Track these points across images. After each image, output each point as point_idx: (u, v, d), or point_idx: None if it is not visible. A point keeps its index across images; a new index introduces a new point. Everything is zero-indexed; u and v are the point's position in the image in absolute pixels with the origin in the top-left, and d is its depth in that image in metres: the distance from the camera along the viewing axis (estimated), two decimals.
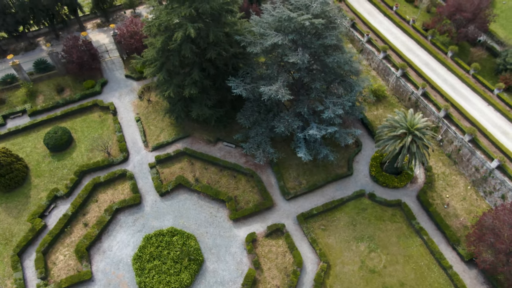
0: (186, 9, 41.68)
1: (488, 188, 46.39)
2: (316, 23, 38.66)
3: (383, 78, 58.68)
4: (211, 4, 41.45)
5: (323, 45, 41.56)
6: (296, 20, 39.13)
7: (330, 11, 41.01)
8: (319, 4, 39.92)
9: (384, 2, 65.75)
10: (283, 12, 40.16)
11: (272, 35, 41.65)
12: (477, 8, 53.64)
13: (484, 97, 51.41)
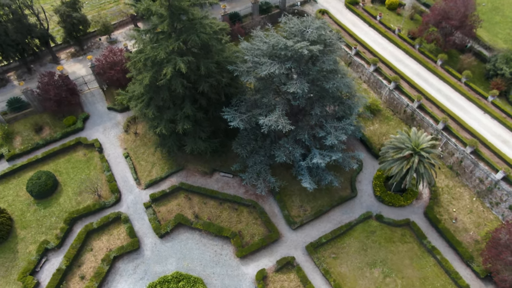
0: (174, 43, 39.21)
1: (494, 199, 45.93)
2: (315, 51, 36.93)
3: (375, 91, 57.69)
4: (201, 36, 39.13)
5: (321, 70, 39.92)
6: (293, 48, 37.28)
7: (326, 35, 39.35)
8: (314, 29, 38.20)
9: (367, 12, 64.86)
10: (279, 40, 38.27)
11: (267, 64, 39.68)
12: (464, 16, 53.29)
13: (480, 105, 51.08)
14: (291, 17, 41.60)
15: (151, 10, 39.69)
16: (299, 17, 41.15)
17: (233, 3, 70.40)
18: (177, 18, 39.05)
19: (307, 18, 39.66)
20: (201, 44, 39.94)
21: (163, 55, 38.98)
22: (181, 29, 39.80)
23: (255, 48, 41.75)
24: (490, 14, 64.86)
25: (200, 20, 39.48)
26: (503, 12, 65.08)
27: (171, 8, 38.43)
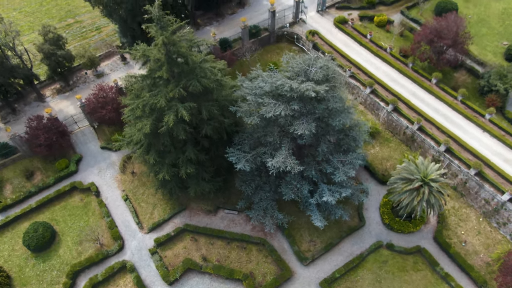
0: (174, 89, 37.81)
1: (502, 219, 46.19)
2: (321, 92, 36.14)
3: (372, 112, 57.45)
4: (201, 81, 37.83)
5: (327, 108, 39.17)
6: (299, 89, 36.40)
7: (330, 72, 38.54)
8: (319, 69, 37.39)
9: (357, 31, 64.58)
10: (284, 82, 37.26)
11: (271, 105, 38.66)
12: (456, 34, 53.52)
13: (478, 124, 51.39)
14: (293, 55, 40.70)
15: (147, 56, 38.18)
16: (302, 55, 40.22)
17: (220, 27, 69.19)
18: (175, 63, 37.67)
19: (309, 56, 38.83)
20: (202, 88, 38.61)
21: (163, 103, 37.54)
22: (180, 74, 38.41)
23: (257, 87, 40.69)
24: (477, 26, 65.55)
25: (199, 64, 38.14)
26: (489, 24, 65.87)
27: (169, 53, 37.00)
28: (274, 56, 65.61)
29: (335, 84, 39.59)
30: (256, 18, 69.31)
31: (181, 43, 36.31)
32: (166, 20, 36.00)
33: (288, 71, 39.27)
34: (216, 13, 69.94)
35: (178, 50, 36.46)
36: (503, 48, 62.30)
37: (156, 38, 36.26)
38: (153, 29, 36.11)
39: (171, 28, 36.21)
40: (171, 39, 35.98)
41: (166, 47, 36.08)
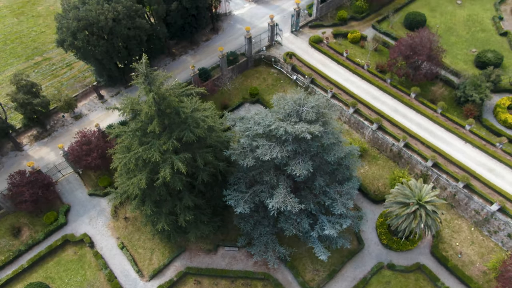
0: (167, 141, 37.24)
1: (492, 228, 48.12)
2: (317, 133, 36.49)
3: (357, 131, 58.50)
4: (195, 131, 37.42)
5: (321, 145, 39.58)
6: (294, 132, 36.62)
7: (321, 107, 38.89)
8: (310, 108, 37.71)
9: (333, 49, 65.56)
10: (278, 126, 37.32)
11: (266, 146, 38.71)
12: (430, 50, 55.24)
13: (460, 135, 53.29)
14: (283, 95, 40.79)
15: (137, 110, 37.43)
16: (292, 94, 40.37)
17: (197, 55, 68.57)
18: (166, 115, 37.09)
19: (300, 96, 39.01)
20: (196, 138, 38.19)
21: (158, 157, 36.89)
22: (171, 125, 37.86)
23: (249, 128, 40.60)
24: (446, 35, 67.85)
25: (191, 114, 37.71)
26: (457, 32, 68.34)
27: (160, 108, 36.40)
28: (254, 81, 65.69)
29: (326, 119, 40.01)
30: (232, 44, 69.20)
31: (171, 97, 35.76)
32: (154, 75, 35.39)
33: (280, 112, 39.31)
34: (190, 41, 69.27)
35: (169, 104, 35.90)
36: (472, 56, 64.81)
37: (146, 94, 35.60)
38: (141, 86, 35.41)
39: (159, 83, 35.61)
40: (160, 94, 35.40)
41: (156, 103, 35.45)
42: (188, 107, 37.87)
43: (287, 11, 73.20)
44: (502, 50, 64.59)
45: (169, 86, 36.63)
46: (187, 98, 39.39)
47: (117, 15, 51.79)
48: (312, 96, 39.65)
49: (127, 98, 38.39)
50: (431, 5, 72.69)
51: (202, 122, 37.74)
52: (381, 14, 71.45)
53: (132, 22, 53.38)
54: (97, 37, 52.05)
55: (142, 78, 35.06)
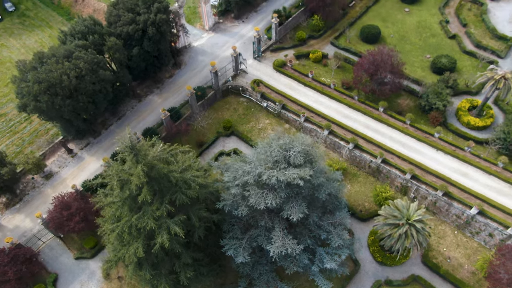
0: (160, 206, 36.60)
1: (474, 229, 51.12)
2: (308, 177, 37.19)
3: (334, 151, 60.01)
4: (188, 193, 37.01)
5: (312, 185, 40.38)
6: (286, 179, 37.12)
7: (306, 147, 39.62)
8: (297, 153, 38.33)
9: (298, 71, 66.72)
10: (269, 175, 37.63)
11: (258, 194, 38.99)
12: (392, 66, 57.61)
13: (431, 144, 56.08)
14: (268, 143, 41.02)
15: (124, 180, 36.47)
16: (275, 139, 40.81)
17: (163, 94, 67.48)
18: (156, 182, 36.42)
19: (284, 141, 39.49)
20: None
21: (153, 224, 36.17)
22: (162, 190, 37.23)
23: (238, 177, 40.64)
24: (400, 44, 70.95)
25: (181, 176, 37.22)
26: (410, 40, 71.61)
27: (149, 176, 35.67)
28: (225, 113, 65.61)
29: (312, 157, 40.80)
30: (196, 77, 68.77)
31: (160, 165, 35.17)
32: (139, 146, 34.64)
33: (268, 160, 39.56)
34: (154, 79, 68.07)
35: (158, 172, 35.29)
36: (428, 62, 68.22)
37: (133, 166, 34.79)
38: (128, 158, 34.56)
39: (144, 152, 34.92)
40: (149, 164, 34.72)
41: (146, 174, 34.71)
42: (177, 169, 37.36)
43: (246, 37, 73.63)
44: (453, 53, 68.45)
45: (156, 153, 35.95)
46: (172, 157, 38.84)
47: (80, 72, 50.05)
48: (296, 138, 40.27)
49: (111, 167, 37.32)
50: (382, 15, 75.66)
51: (193, 183, 37.38)
52: (337, 29, 73.50)
53: (96, 76, 51.80)
54: (61, 97, 50.00)
55: (128, 151, 34.21)
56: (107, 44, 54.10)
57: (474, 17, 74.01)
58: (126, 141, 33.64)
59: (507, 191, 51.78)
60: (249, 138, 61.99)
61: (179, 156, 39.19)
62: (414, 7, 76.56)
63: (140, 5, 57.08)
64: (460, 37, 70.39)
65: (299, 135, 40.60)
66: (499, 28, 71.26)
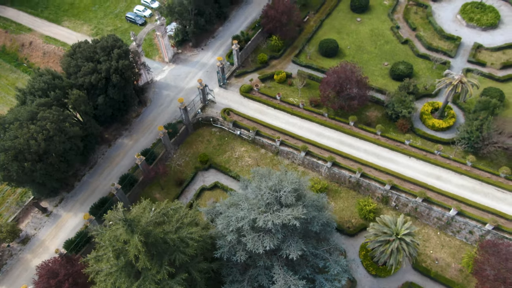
0: (160, 270, 35.97)
1: (455, 229, 54.07)
2: (302, 217, 37.86)
3: (313, 170, 61.24)
4: (186, 251, 36.60)
5: (305, 220, 41.10)
6: (281, 221, 37.62)
7: (298, 188, 40.31)
8: (288, 193, 38.89)
9: (265, 95, 67.36)
10: (265, 220, 37.91)
11: (255, 238, 39.22)
12: (356, 82, 59.57)
13: (403, 152, 58.62)
14: (258, 186, 41.19)
15: (119, 249, 35.52)
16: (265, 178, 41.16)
17: (133, 135, 65.97)
18: (153, 246, 35.76)
19: (273, 182, 39.88)
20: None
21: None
22: (160, 253, 36.61)
23: (231, 223, 40.62)
24: (358, 54, 73.46)
25: (177, 236, 36.73)
26: (366, 49, 74.28)
27: (146, 243, 34.95)
28: (199, 146, 65.18)
29: (301, 191, 41.53)
30: (164, 113, 67.86)
31: (155, 230, 34.56)
32: (133, 215, 33.85)
33: (260, 204, 39.78)
34: (121, 122, 66.35)
35: (155, 237, 34.67)
36: (386, 69, 71.12)
37: (128, 235, 33.94)
38: (122, 230, 33.70)
39: (138, 220, 34.21)
40: (144, 231, 34.03)
41: (143, 242, 33.99)
42: (172, 229, 36.83)
43: (208, 65, 73.44)
44: (408, 58, 71.78)
45: (149, 218, 35.26)
46: (165, 215, 38.25)
47: (48, 133, 48.01)
48: (284, 176, 40.81)
49: (103, 236, 36.21)
50: (336, 27, 77.90)
51: (191, 240, 37.02)
52: (296, 47, 74.90)
53: (65, 134, 49.90)
54: (31, 162, 47.74)
55: (121, 223, 33.33)
56: (70, 98, 52.17)
57: (421, 20, 77.89)
58: (119, 215, 32.74)
59: (478, 188, 55.16)
60: (228, 169, 61.99)
61: (170, 212, 38.61)
62: (365, 16, 79.42)
63: (99, 52, 55.44)
64: (412, 41, 73.86)
65: (288, 174, 41.12)
66: (446, 28, 75.48)
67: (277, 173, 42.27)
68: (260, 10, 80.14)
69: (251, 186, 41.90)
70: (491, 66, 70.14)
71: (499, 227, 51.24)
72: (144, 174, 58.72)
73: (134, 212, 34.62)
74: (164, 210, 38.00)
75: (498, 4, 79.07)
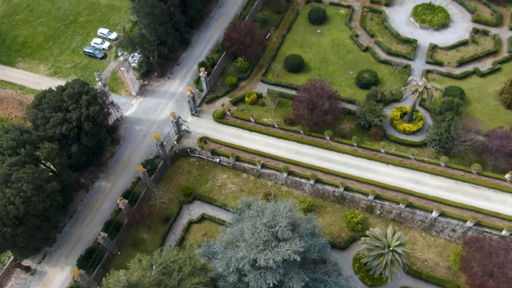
0: None
1: (438, 228, 56.69)
2: (302, 250, 38.51)
3: (296, 188, 62.12)
4: None
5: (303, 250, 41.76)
6: (282, 257, 38.11)
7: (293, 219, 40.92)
8: (284, 228, 39.37)
9: (239, 119, 67.53)
10: (267, 258, 38.22)
11: (257, 275, 39.57)
12: (327, 98, 60.93)
13: (380, 161, 60.72)
14: (255, 223, 41.28)
15: None
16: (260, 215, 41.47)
17: (110, 176, 64.28)
18: None
19: (268, 219, 40.25)
20: None
21: None
22: None
23: (230, 264, 40.68)
24: (323, 67, 75.11)
25: (180, 287, 36.40)
26: (330, 60, 76.03)
27: None
28: (180, 178, 64.49)
29: (294, 221, 42.19)
30: (139, 149, 66.69)
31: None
32: (135, 280, 33.20)
33: (258, 243, 39.97)
34: (96, 164, 64.48)
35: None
36: (352, 78, 73.19)
37: None
38: None
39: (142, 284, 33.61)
40: None
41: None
42: (175, 283, 36.39)
43: (177, 94, 72.74)
44: (370, 65, 74.22)
45: (151, 277, 34.69)
46: (165, 269, 37.76)
47: (26, 195, 45.96)
48: (277, 210, 41.25)
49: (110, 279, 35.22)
50: (298, 41, 79.20)
51: None
52: (263, 65, 75.55)
53: (43, 192, 47.98)
54: (11, 227, 45.55)
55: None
56: (42, 152, 50.16)
57: (377, 26, 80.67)
58: (121, 280, 32.02)
59: (454, 187, 58.10)
60: (213, 198, 61.78)
61: (170, 265, 38.14)
62: (324, 27, 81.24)
63: (67, 100, 53.67)
64: (372, 48, 76.40)
65: (280, 207, 41.60)
66: (401, 32, 78.64)
67: (269, 206, 42.70)
68: (221, 32, 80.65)
69: (244, 222, 42.06)
70: (448, 64, 73.86)
71: (479, 223, 54.20)
72: (129, 217, 57.49)
73: (135, 276, 33.88)
74: (163, 264, 37.45)
75: (446, 3, 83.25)
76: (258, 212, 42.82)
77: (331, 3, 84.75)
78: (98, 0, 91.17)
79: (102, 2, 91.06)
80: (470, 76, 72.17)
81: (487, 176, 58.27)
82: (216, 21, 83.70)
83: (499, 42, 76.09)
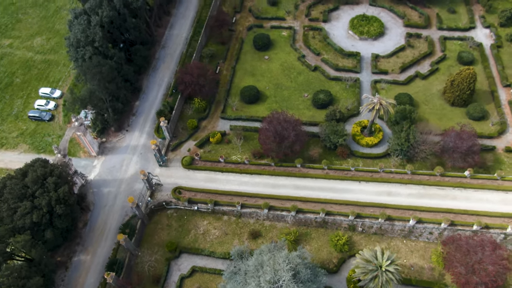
0: None
1: (417, 234, 60.50)
2: None
3: (278, 220, 63.29)
4: None
5: None
6: None
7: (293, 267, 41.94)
8: (288, 282, 40.32)
9: (209, 161, 67.32)
10: None
11: None
12: (293, 128, 62.52)
13: (352, 179, 63.53)
14: (259, 283, 41.80)
15: None
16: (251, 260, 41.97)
17: (88, 248, 61.53)
18: None
19: (269, 274, 40.94)
20: None
21: None
22: None
23: None
24: (278, 93, 76.61)
25: None
26: (284, 85, 77.62)
27: None
28: (162, 234, 63.23)
29: (296, 268, 43.32)
30: (112, 213, 64.64)
31: None
32: None
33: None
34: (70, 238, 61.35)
35: None
36: (308, 100, 75.49)
37: None
38: None
39: None
40: None
41: None
42: None
43: (139, 146, 71.05)
44: (322, 83, 77.01)
45: None
46: None
47: None
48: (276, 263, 42.08)
49: None
50: (249, 70, 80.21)
51: None
52: (220, 101, 75.79)
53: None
54: None
55: None
56: (16, 247, 47.19)
57: (320, 44, 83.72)
58: None
59: (423, 192, 62.28)
60: (199, 249, 61.33)
61: None
62: (271, 52, 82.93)
63: (31, 186, 50.70)
64: (321, 67, 79.25)
65: (280, 260, 42.43)
66: (344, 46, 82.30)
67: (265, 260, 43.39)
68: (171, 73, 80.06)
69: (247, 281, 42.49)
70: (392, 72, 78.51)
71: (452, 223, 58.55)
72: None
73: None
74: None
75: (377, 11, 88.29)
76: (257, 266, 43.38)
77: (272, 26, 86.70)
78: (31, 57, 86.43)
79: (36, 58, 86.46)
80: (414, 80, 77.28)
81: (449, 176, 62.96)
82: (163, 62, 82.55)
83: (432, 43, 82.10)
